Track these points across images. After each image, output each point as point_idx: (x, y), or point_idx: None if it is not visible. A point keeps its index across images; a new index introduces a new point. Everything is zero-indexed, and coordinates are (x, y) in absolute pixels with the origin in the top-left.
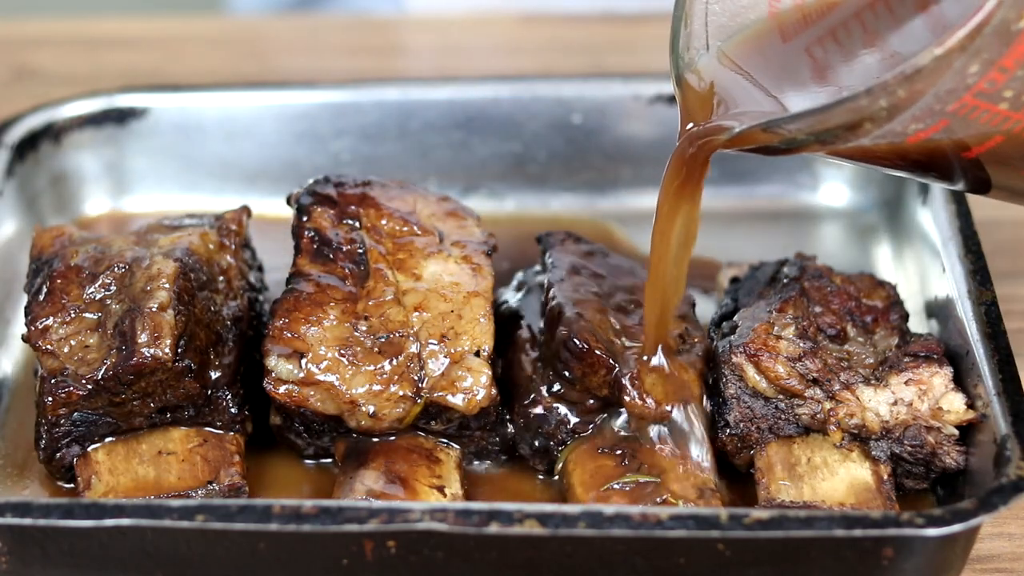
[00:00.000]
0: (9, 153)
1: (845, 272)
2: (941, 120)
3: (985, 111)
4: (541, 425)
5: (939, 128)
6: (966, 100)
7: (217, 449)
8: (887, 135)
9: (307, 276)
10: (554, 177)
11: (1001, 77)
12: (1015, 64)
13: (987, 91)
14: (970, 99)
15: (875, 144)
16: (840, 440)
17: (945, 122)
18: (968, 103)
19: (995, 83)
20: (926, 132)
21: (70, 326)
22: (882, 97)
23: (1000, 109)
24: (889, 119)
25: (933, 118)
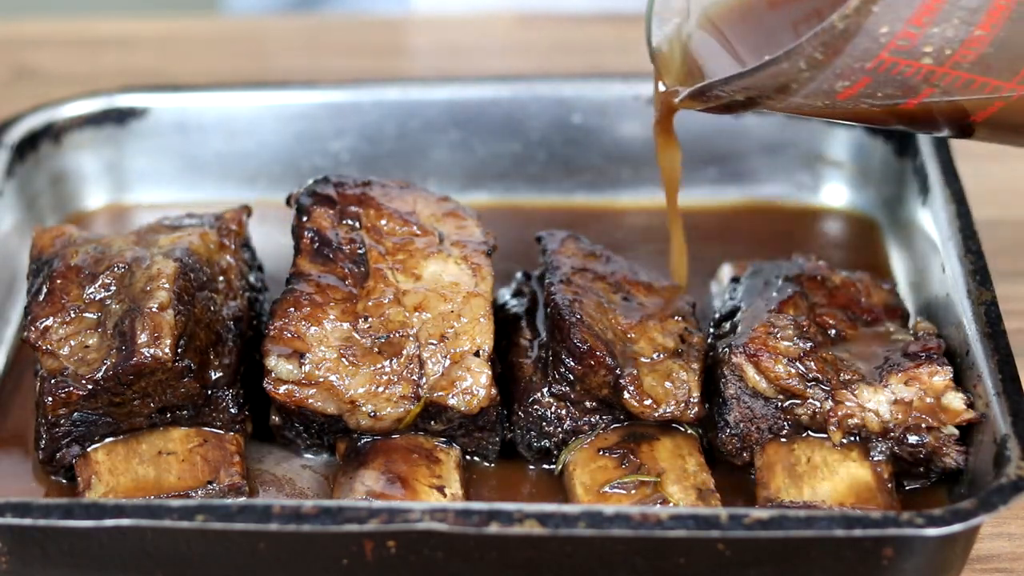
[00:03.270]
0: (9, 153)
1: (845, 272)
2: (863, 77)
3: (908, 66)
4: (541, 425)
5: (863, 84)
6: (883, 57)
7: (217, 449)
8: (817, 93)
9: (307, 276)
10: (554, 177)
11: (914, 34)
12: (925, 21)
13: (904, 48)
14: (887, 56)
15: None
16: (840, 440)
17: (867, 79)
18: (887, 60)
19: (910, 40)
20: (852, 89)
21: (70, 326)
22: (799, 59)
23: (924, 64)
24: (812, 79)
25: (855, 75)
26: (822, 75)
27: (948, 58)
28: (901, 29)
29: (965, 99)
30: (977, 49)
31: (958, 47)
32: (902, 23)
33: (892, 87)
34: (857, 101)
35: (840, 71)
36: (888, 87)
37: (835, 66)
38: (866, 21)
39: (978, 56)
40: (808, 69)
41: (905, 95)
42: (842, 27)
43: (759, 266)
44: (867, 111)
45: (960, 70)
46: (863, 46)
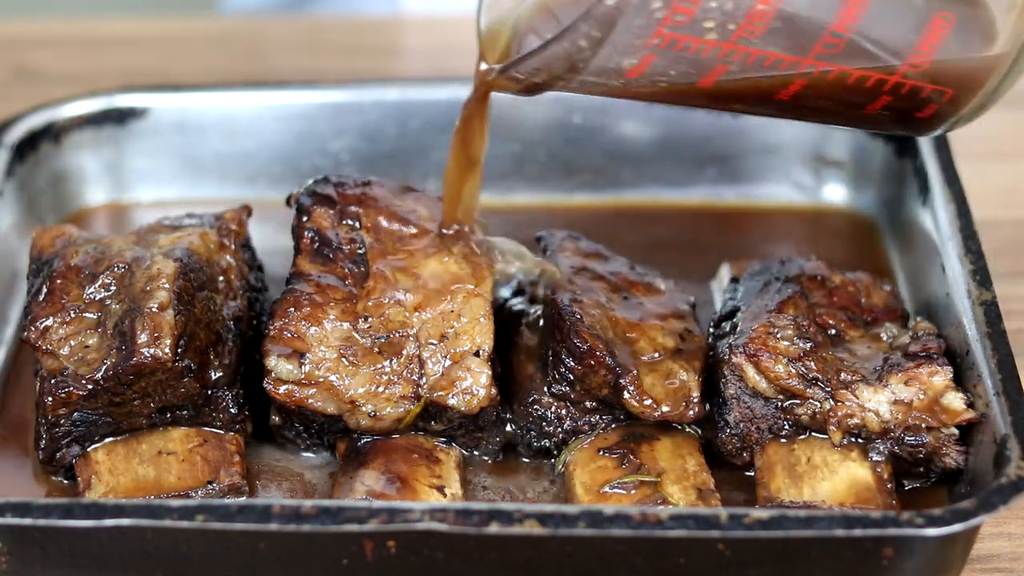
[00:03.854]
0: (9, 153)
1: (845, 272)
2: (646, 55)
3: (691, 42)
4: (541, 425)
5: (649, 62)
6: (662, 33)
7: (217, 449)
8: (606, 72)
9: (307, 276)
10: (554, 177)
11: (689, 9)
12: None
13: (682, 23)
14: (667, 32)
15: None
16: (840, 440)
17: (651, 56)
18: (667, 36)
19: (686, 15)
20: (640, 67)
21: (70, 326)
22: (577, 37)
23: (709, 40)
24: (595, 57)
25: (638, 53)
26: (604, 53)
27: (733, 33)
28: (674, 3)
29: (763, 76)
30: (762, 23)
31: (741, 21)
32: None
33: (683, 65)
34: (651, 80)
35: (622, 49)
36: (679, 65)
37: (614, 44)
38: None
39: (766, 31)
40: (589, 47)
41: (699, 73)
42: (612, 3)
43: (759, 266)
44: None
45: (749, 46)
46: (639, 22)
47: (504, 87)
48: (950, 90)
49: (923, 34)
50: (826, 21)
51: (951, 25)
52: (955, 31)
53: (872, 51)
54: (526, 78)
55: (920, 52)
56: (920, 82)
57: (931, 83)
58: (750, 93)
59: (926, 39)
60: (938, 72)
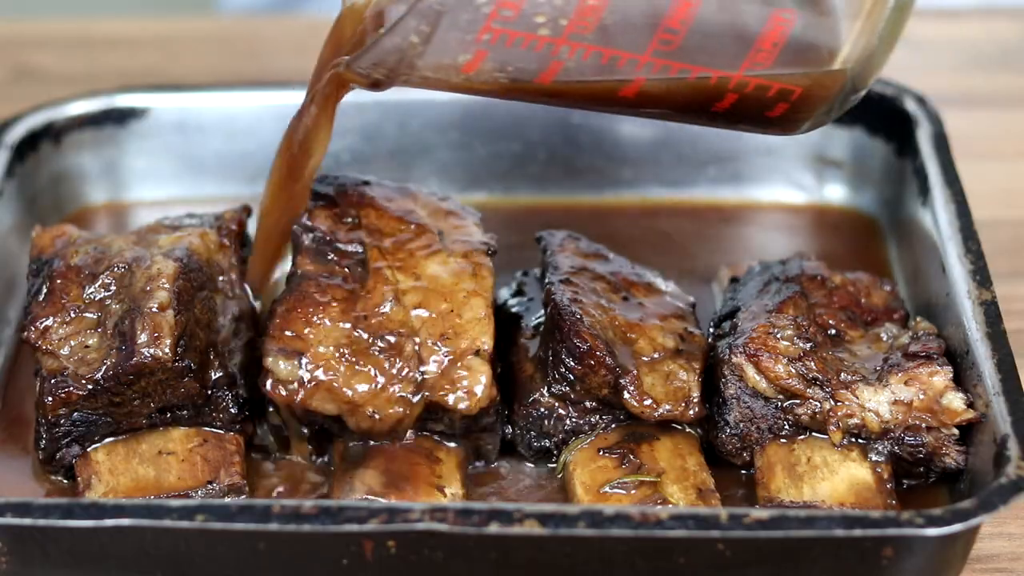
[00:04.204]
0: (9, 153)
1: (845, 272)
2: (479, 50)
3: (523, 38)
4: (541, 425)
5: (482, 58)
6: (491, 28)
7: (217, 449)
8: (444, 67)
9: (307, 276)
10: (554, 177)
11: (516, 5)
12: None
13: (510, 18)
14: (496, 27)
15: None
16: (840, 440)
17: (484, 52)
18: (496, 31)
19: (513, 10)
20: (474, 63)
21: (70, 326)
22: (407, 33)
23: (542, 36)
24: (429, 53)
25: (471, 48)
26: (436, 48)
27: (565, 28)
28: None
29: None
30: (594, 19)
31: (572, 16)
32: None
33: (518, 61)
34: (491, 76)
35: (454, 44)
36: (514, 61)
37: (445, 39)
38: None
39: (599, 26)
40: (420, 42)
41: (537, 69)
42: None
43: (759, 266)
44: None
45: (583, 42)
46: (466, 17)
47: (353, 81)
48: (798, 88)
49: (763, 32)
50: (660, 17)
51: (792, 23)
52: (798, 29)
53: (711, 48)
54: (367, 73)
55: (761, 50)
56: (765, 80)
57: (777, 81)
58: (593, 91)
59: (767, 37)
60: (783, 71)
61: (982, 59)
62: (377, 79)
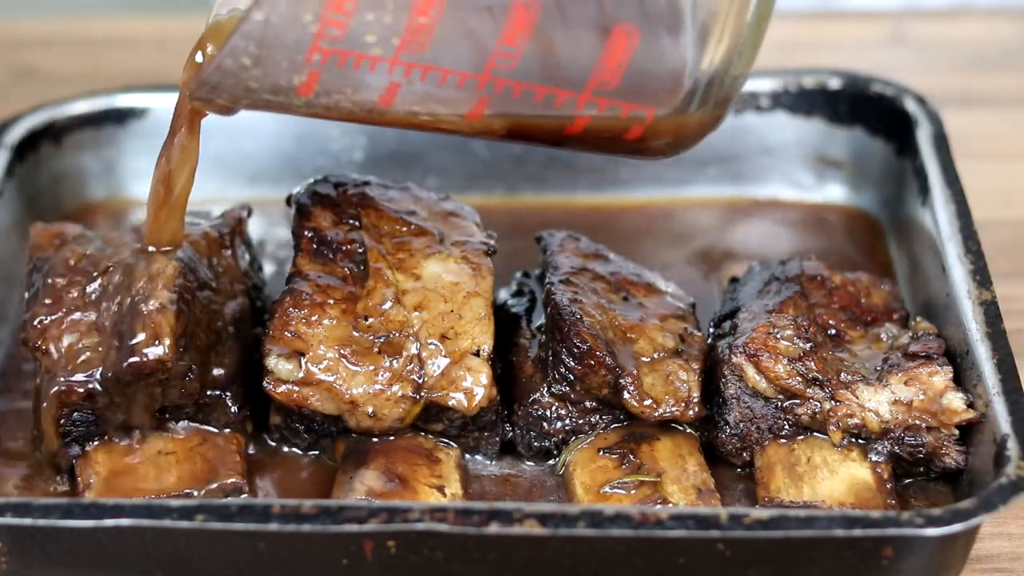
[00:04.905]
0: (9, 153)
1: (845, 272)
2: (311, 71)
3: (356, 58)
4: (541, 425)
5: (316, 79)
6: (320, 48)
7: (217, 449)
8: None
9: (307, 276)
10: (554, 177)
11: (342, 23)
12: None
13: (338, 37)
14: (326, 47)
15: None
16: (840, 440)
17: (317, 73)
18: (327, 51)
19: (340, 28)
20: (308, 85)
21: (69, 326)
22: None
23: (375, 56)
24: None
25: (302, 70)
26: (270, 71)
27: (397, 48)
28: (324, 16)
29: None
30: (426, 36)
31: (403, 35)
32: (322, 8)
33: (353, 82)
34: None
35: (287, 66)
36: (349, 82)
37: (275, 61)
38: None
39: (433, 45)
40: (252, 65)
41: (375, 90)
42: (260, 17)
43: (759, 266)
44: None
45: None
46: (293, 37)
47: (200, 107)
48: (650, 109)
49: (606, 50)
50: (495, 34)
51: (635, 40)
52: (644, 47)
53: (553, 67)
54: (209, 98)
55: (606, 68)
56: (614, 101)
57: (627, 102)
58: (437, 114)
59: (610, 55)
60: (631, 91)
61: (982, 59)
62: (222, 104)
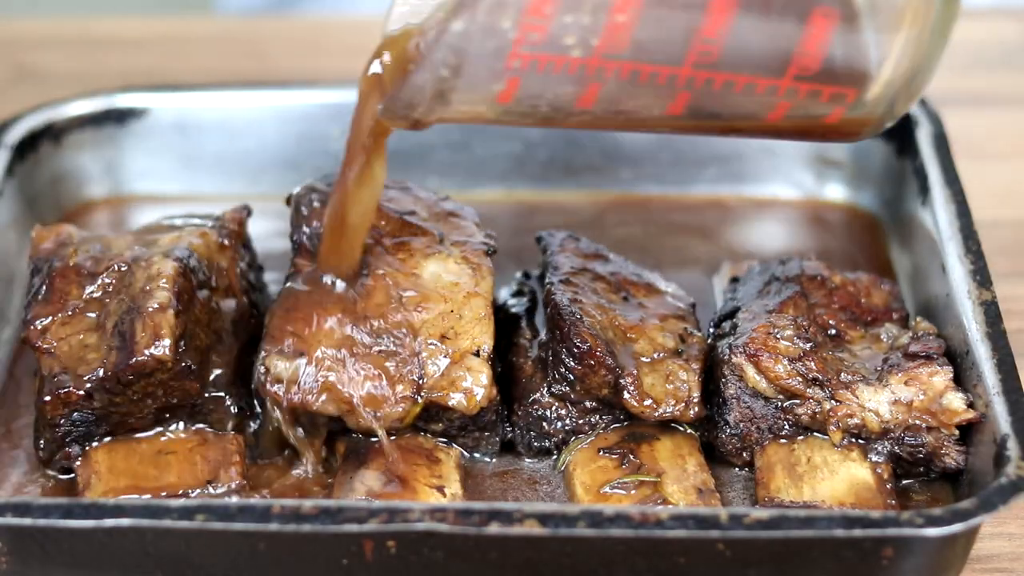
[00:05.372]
0: (9, 153)
1: (845, 272)
2: (511, 77)
3: (556, 61)
4: (541, 425)
5: (516, 85)
6: (520, 54)
7: (217, 449)
8: (478, 99)
9: (307, 276)
10: (554, 177)
11: (542, 27)
12: (548, 12)
13: (539, 42)
14: (526, 52)
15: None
16: (840, 440)
17: (517, 79)
18: (527, 56)
19: (540, 33)
20: (508, 91)
21: (70, 326)
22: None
23: (574, 58)
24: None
25: (502, 76)
26: (468, 80)
27: (596, 48)
28: (524, 22)
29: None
30: (625, 35)
31: (602, 34)
32: (521, 15)
33: (554, 85)
34: (530, 103)
35: (486, 74)
36: (550, 85)
37: (475, 69)
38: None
39: (632, 42)
40: (450, 76)
41: (575, 92)
42: (459, 28)
43: (759, 266)
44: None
45: (619, 60)
46: (492, 45)
47: (392, 125)
48: (851, 91)
49: (805, 34)
50: (694, 27)
51: (835, 22)
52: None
53: (754, 56)
54: (405, 114)
55: (807, 53)
56: (816, 85)
57: (829, 85)
58: (638, 110)
59: (810, 39)
60: (832, 74)
61: (982, 59)
62: (416, 119)
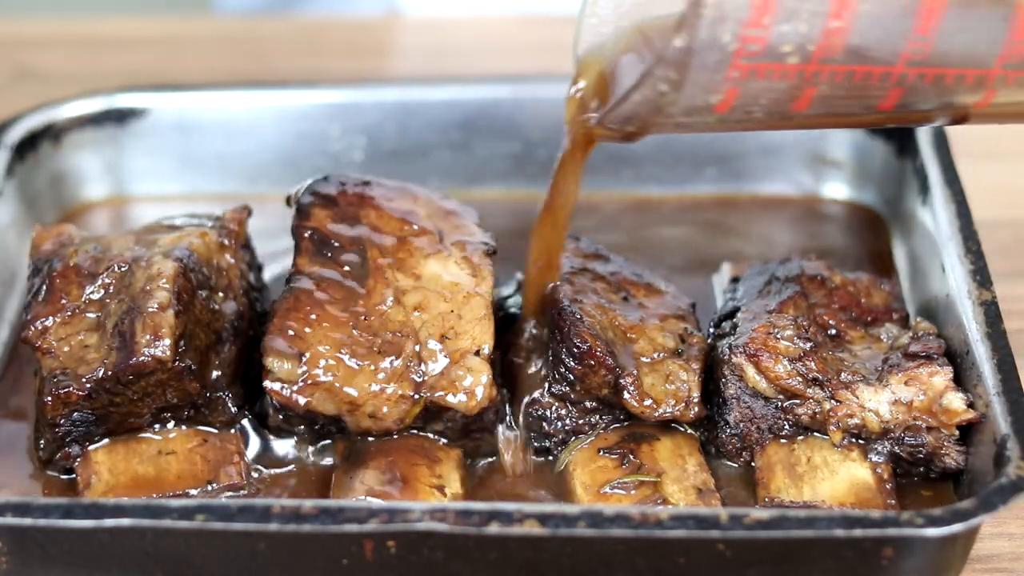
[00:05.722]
0: (9, 153)
1: (845, 272)
2: (730, 88)
3: (772, 70)
4: (541, 425)
5: (735, 95)
6: (739, 65)
7: (217, 449)
8: (696, 110)
9: (307, 276)
10: None
11: (761, 37)
12: (767, 21)
13: (757, 52)
14: (744, 63)
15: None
16: (840, 440)
17: (736, 89)
18: (745, 67)
19: (759, 43)
20: (727, 101)
21: (70, 326)
22: (656, 82)
23: (792, 64)
24: (679, 100)
25: (721, 87)
26: (687, 93)
27: (813, 54)
28: (743, 34)
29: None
30: (841, 39)
31: (819, 40)
32: (741, 27)
33: (771, 92)
34: (745, 112)
35: (704, 86)
36: (767, 93)
37: (694, 83)
38: (702, 33)
39: (847, 46)
40: (670, 90)
41: (791, 97)
42: (680, 43)
43: (759, 266)
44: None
45: (834, 63)
46: (713, 58)
47: (604, 136)
48: None
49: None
50: (907, 26)
51: None
52: None
53: (963, 49)
54: (619, 127)
55: (1016, 41)
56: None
57: None
58: (850, 109)
59: (1019, 27)
60: None
61: None
62: (630, 131)
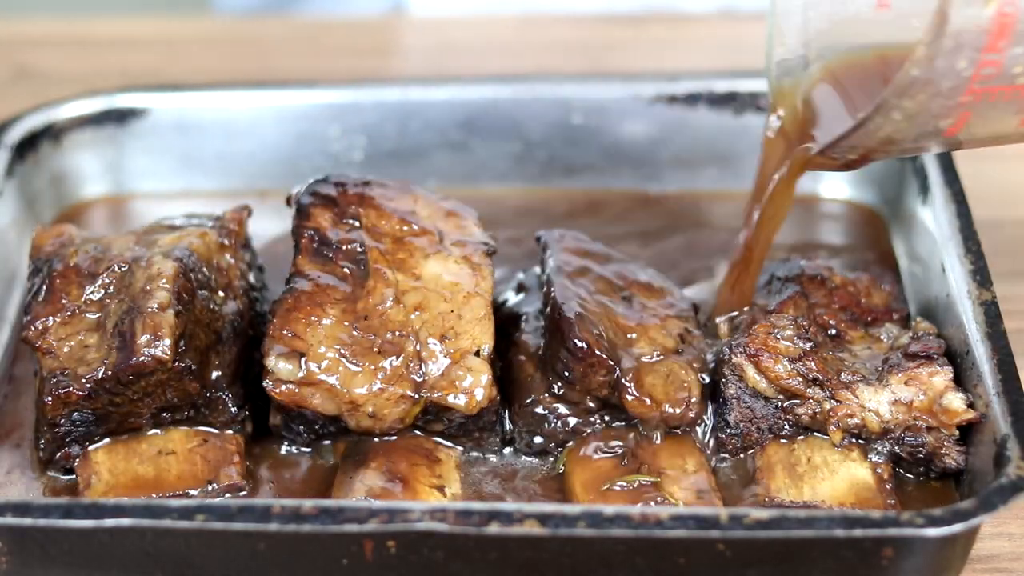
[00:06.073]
0: (9, 153)
1: (845, 272)
2: (962, 112)
3: (1006, 91)
4: (541, 425)
5: (966, 119)
6: (974, 90)
7: (217, 449)
8: (924, 136)
9: (307, 276)
10: (554, 177)
11: (996, 61)
12: (1002, 46)
13: (992, 76)
14: (978, 87)
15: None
16: (840, 440)
17: (967, 113)
18: (979, 91)
19: (994, 67)
20: (956, 125)
21: (70, 326)
22: (890, 112)
23: (1022, 85)
24: (910, 128)
25: (953, 112)
26: (918, 121)
27: None
28: (980, 59)
29: None
30: None
31: None
32: (978, 53)
33: (999, 112)
34: (970, 133)
35: (936, 112)
36: (996, 112)
37: (927, 110)
38: (939, 63)
39: None
40: (903, 119)
41: (1018, 118)
42: (917, 73)
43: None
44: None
45: None
46: (948, 85)
47: (824, 165)
48: None
49: None
50: None
51: None
52: None
53: None
54: (841, 157)
55: None
56: None
57: None
58: None
59: None
60: None
61: None
62: (851, 160)
